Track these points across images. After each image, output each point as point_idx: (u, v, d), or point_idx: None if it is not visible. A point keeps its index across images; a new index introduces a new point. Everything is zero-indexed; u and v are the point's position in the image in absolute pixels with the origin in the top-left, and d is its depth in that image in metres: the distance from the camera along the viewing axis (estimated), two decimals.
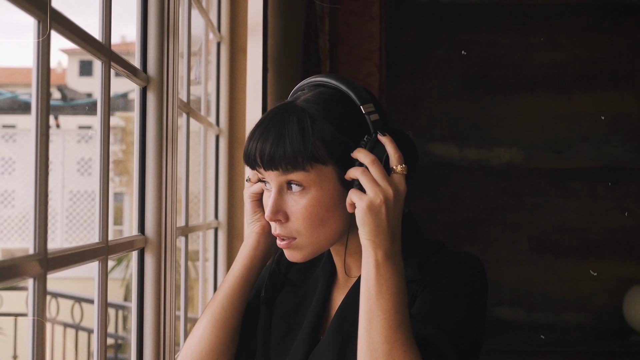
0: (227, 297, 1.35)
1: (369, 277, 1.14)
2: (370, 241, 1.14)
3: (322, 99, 1.21)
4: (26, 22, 0.94)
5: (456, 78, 4.22)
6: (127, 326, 5.64)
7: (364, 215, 1.14)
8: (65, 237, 8.77)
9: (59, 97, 10.12)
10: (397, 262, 1.14)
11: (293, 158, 1.17)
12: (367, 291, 1.13)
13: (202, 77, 2.38)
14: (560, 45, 4.22)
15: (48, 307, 5.60)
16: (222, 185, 2.52)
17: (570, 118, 4.20)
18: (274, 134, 1.19)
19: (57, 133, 9.27)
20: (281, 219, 1.21)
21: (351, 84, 1.22)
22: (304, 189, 1.19)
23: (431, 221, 4.15)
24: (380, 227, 1.14)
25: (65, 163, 8.99)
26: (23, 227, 9.05)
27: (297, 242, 1.22)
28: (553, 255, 4.17)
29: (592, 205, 4.17)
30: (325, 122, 1.19)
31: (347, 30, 2.82)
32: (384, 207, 1.14)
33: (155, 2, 1.51)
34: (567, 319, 4.15)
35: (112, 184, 8.53)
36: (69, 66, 25.61)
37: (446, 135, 4.20)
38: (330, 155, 1.18)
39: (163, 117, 1.52)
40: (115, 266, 7.76)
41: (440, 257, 1.24)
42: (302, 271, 1.39)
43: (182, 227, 1.95)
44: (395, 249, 1.15)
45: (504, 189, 4.19)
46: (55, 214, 8.93)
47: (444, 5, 4.22)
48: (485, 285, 1.25)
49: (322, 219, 1.20)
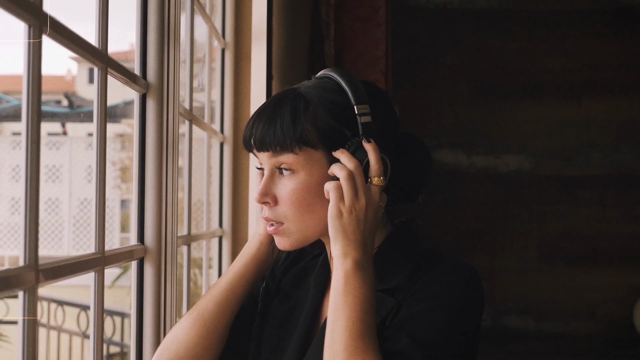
0: (219, 295, 1.32)
1: (337, 287, 1.13)
2: (340, 250, 1.14)
3: (322, 87, 1.22)
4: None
5: (464, 84, 4.18)
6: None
7: (333, 222, 1.15)
8: (72, 244, 8.76)
9: (67, 105, 10.12)
10: (367, 272, 1.14)
11: (282, 139, 1.18)
12: (334, 300, 1.13)
13: (205, 83, 2.36)
14: (569, 51, 4.18)
15: (54, 315, 5.60)
16: (226, 193, 2.49)
17: (580, 125, 4.16)
18: (267, 116, 1.20)
19: (65, 140, 9.27)
20: (270, 201, 1.22)
21: (352, 81, 1.22)
22: (293, 173, 1.20)
23: (438, 229, 4.12)
24: (351, 237, 1.14)
25: (72, 170, 8.99)
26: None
27: (285, 228, 1.22)
28: (562, 263, 4.13)
29: (602, 213, 4.13)
30: (320, 108, 1.19)
31: (352, 36, 2.79)
32: (354, 218, 1.15)
33: (155, 8, 1.48)
34: (577, 328, 4.11)
35: (119, 191, 8.52)
36: (78, 73, 25.68)
37: (454, 142, 4.17)
38: (321, 141, 1.18)
39: (163, 124, 1.49)
40: (122, 274, 7.76)
41: (433, 266, 1.21)
42: (295, 279, 1.37)
43: (185, 236, 1.92)
44: (366, 259, 1.15)
45: (513, 196, 4.15)
46: (62, 222, 8.93)
47: (451, 11, 4.19)
48: (478, 296, 1.20)
49: (310, 204, 1.20)
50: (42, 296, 5.67)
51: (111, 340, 5.37)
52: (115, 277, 7.72)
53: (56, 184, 9.06)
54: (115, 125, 10.03)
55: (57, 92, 18.82)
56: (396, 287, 1.19)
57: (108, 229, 8.49)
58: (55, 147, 9.16)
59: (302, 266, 1.39)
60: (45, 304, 5.70)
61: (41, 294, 5.66)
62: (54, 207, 9.05)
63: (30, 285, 0.93)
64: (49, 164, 9.10)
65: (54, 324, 5.65)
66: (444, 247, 4.06)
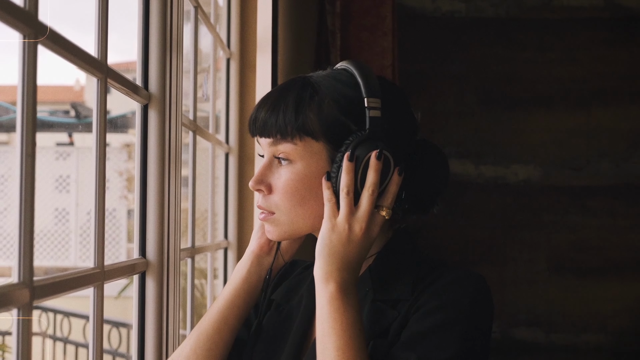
0: (213, 323, 1.26)
1: (322, 313, 1.08)
2: (323, 270, 1.09)
3: (334, 77, 1.18)
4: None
5: (472, 94, 4.15)
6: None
7: (322, 238, 1.10)
8: (79, 255, 8.75)
9: (73, 115, 10.12)
10: (352, 294, 1.08)
11: (283, 126, 1.14)
12: (321, 327, 1.08)
13: (210, 94, 2.33)
14: (578, 60, 4.14)
15: (60, 327, 5.58)
16: (231, 204, 2.47)
17: (589, 134, 4.12)
18: (272, 101, 1.17)
19: (72, 150, 9.27)
20: (264, 189, 1.18)
21: (367, 74, 1.16)
22: (290, 163, 1.16)
23: (447, 240, 4.08)
24: (337, 258, 1.09)
25: (79, 181, 8.98)
26: (44, 244, 9.03)
27: (275, 218, 1.18)
28: (572, 274, 4.08)
29: (612, 224, 4.08)
30: (328, 98, 1.14)
31: (359, 45, 2.77)
32: (345, 239, 1.10)
33: (157, 18, 1.46)
34: (587, 340, 4.06)
35: (125, 202, 8.52)
36: (87, 84, 25.75)
37: (462, 152, 4.13)
38: (324, 132, 1.14)
39: (165, 135, 1.47)
40: (128, 284, 7.73)
41: (438, 276, 1.15)
42: (288, 291, 1.31)
43: (189, 248, 1.89)
44: (350, 281, 1.09)
45: (521, 207, 4.11)
46: (69, 232, 8.91)
47: (458, 20, 4.16)
48: (488, 308, 1.14)
49: (303, 197, 1.15)
50: (48, 307, 5.65)
51: (117, 352, 5.35)
52: (122, 287, 7.70)
53: (63, 194, 9.06)
54: (122, 135, 10.03)
55: (65, 103, 18.87)
56: (398, 298, 1.14)
57: (115, 239, 8.47)
58: (62, 158, 9.17)
59: (294, 278, 1.33)
60: (51, 315, 5.68)
61: (47, 305, 5.64)
62: (60, 217, 9.05)
63: (25, 303, 0.90)
64: (56, 174, 9.10)
65: (59, 336, 5.63)
66: (452, 257, 4.02)
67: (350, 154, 1.11)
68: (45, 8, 0.92)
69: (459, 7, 4.15)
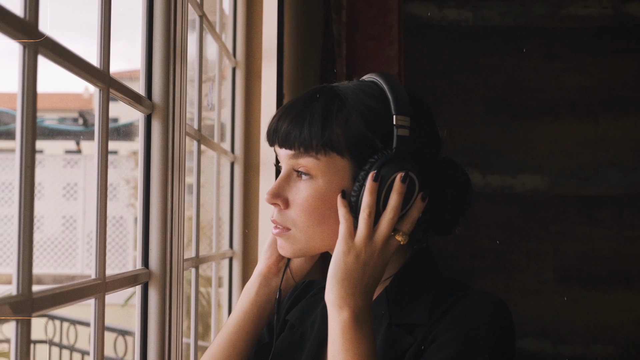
0: (223, 350, 1.23)
1: (334, 342, 1.02)
2: (336, 295, 1.03)
3: (361, 89, 1.12)
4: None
5: (479, 103, 4.13)
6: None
7: (337, 260, 1.05)
8: (86, 262, 8.75)
9: (81, 123, 10.16)
10: (366, 323, 1.03)
11: (308, 140, 1.08)
12: (333, 358, 1.02)
13: (215, 103, 2.33)
14: (586, 69, 4.13)
15: (66, 335, 5.58)
16: (237, 214, 2.46)
17: (597, 144, 4.10)
18: (297, 111, 1.11)
19: (80, 158, 9.29)
20: (280, 204, 1.12)
21: (397, 89, 1.11)
22: (311, 178, 1.10)
23: (453, 250, 4.05)
24: (351, 282, 1.03)
25: (87, 188, 8.99)
26: (51, 252, 9.03)
27: (290, 234, 1.12)
28: (580, 285, 4.06)
29: (620, 234, 4.06)
30: (355, 112, 1.09)
31: (365, 55, 2.76)
32: (362, 262, 1.05)
33: (160, 27, 1.45)
34: (595, 351, 4.03)
35: (133, 210, 8.52)
36: (96, 91, 25.83)
37: (468, 161, 4.11)
38: (349, 149, 1.08)
39: (168, 145, 1.46)
40: (135, 292, 7.71)
41: (456, 301, 1.08)
42: (302, 312, 1.26)
43: (193, 258, 1.88)
44: (365, 306, 1.03)
45: (529, 216, 4.09)
46: (76, 240, 8.93)
47: (465, 28, 4.15)
48: (511, 335, 1.10)
49: (323, 215, 1.10)
50: (55, 315, 5.65)
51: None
52: (128, 296, 7.69)
53: (70, 202, 9.07)
54: (130, 143, 10.05)
55: (74, 110, 18.93)
56: (414, 323, 1.08)
57: (122, 247, 8.47)
58: (69, 165, 9.18)
59: (309, 298, 1.28)
60: (58, 323, 5.67)
61: (53, 313, 5.63)
62: (67, 225, 9.06)
63: (24, 317, 0.89)
64: (64, 182, 9.11)
65: (66, 343, 5.63)
66: (459, 267, 4.00)
67: (375, 174, 1.06)
68: (45, 17, 0.91)
69: (466, 16, 4.14)
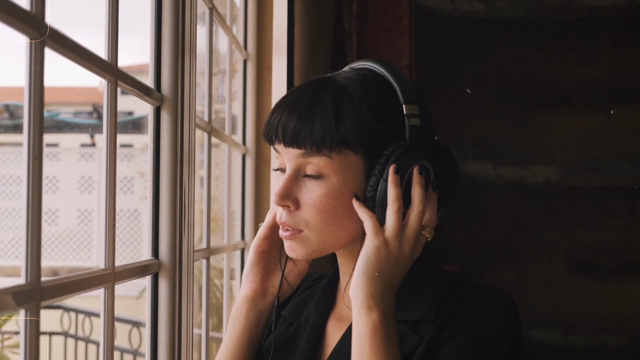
0: None
1: (362, 344, 0.98)
2: (366, 295, 0.99)
3: (365, 80, 1.05)
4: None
5: (491, 94, 4.13)
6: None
7: (368, 257, 1.00)
8: (100, 255, 8.76)
9: (95, 116, 10.20)
10: (394, 324, 0.99)
11: (321, 138, 1.01)
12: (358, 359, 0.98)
13: (226, 95, 2.34)
14: (598, 60, 4.11)
15: (82, 326, 5.62)
16: (248, 205, 2.47)
17: (609, 135, 4.09)
18: (304, 107, 1.03)
19: (94, 151, 9.32)
20: (290, 205, 1.05)
21: (400, 77, 1.06)
22: (323, 177, 1.03)
23: (465, 241, 4.06)
24: (383, 282, 0.99)
25: (100, 181, 9.01)
26: (67, 245, 9.06)
27: (303, 235, 1.05)
28: (592, 275, 4.05)
29: (632, 225, 4.05)
30: (364, 106, 1.02)
31: (375, 47, 2.76)
32: (394, 258, 1.00)
33: (169, 19, 1.46)
34: (607, 342, 4.02)
35: (146, 202, 8.54)
36: (104, 83, 25.88)
37: (480, 153, 4.12)
38: (363, 144, 1.02)
39: (177, 136, 1.47)
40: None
41: (463, 297, 1.05)
42: (296, 306, 1.21)
43: (204, 249, 1.90)
44: (392, 306, 1.00)
45: (541, 208, 4.08)
46: (91, 233, 8.96)
47: (477, 20, 4.14)
48: (519, 332, 1.07)
49: (338, 214, 1.03)
50: (70, 307, 5.69)
51: (137, 351, 5.37)
52: (143, 288, 7.74)
53: (85, 195, 9.10)
54: (144, 136, 10.08)
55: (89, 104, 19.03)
56: (420, 320, 1.05)
57: (136, 239, 8.51)
58: (84, 159, 9.21)
59: (302, 292, 1.24)
60: (73, 315, 5.72)
61: (68, 305, 5.67)
62: (83, 218, 9.10)
63: (32, 305, 0.91)
64: (79, 175, 9.14)
65: (81, 335, 5.67)
66: (471, 259, 4.01)
67: (396, 166, 1.01)
68: (52, 10, 0.93)
69: (478, 7, 4.14)
